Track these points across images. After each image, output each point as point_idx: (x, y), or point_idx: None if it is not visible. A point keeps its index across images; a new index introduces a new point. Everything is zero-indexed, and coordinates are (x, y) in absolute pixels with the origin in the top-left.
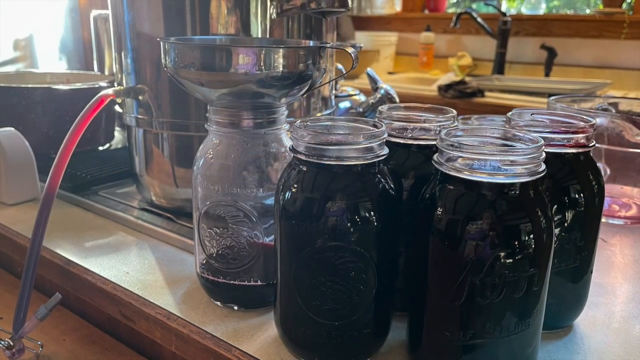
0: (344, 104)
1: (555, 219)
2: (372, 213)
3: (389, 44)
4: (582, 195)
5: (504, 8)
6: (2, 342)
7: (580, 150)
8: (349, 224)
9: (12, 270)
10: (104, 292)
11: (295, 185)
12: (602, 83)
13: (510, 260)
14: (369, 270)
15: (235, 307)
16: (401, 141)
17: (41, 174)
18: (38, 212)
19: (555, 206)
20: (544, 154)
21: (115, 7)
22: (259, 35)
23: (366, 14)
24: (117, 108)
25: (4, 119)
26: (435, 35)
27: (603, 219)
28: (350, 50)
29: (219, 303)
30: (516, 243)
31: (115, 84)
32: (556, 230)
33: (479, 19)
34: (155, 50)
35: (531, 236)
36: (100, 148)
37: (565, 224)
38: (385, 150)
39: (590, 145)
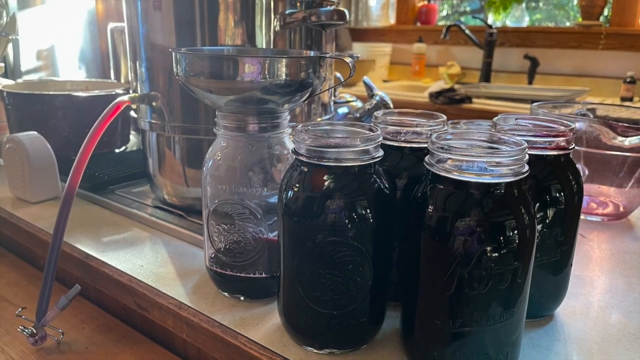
0: (342, 110)
1: (538, 216)
2: (368, 211)
3: (383, 54)
4: (562, 194)
5: (490, 21)
6: (26, 330)
7: (560, 152)
8: (346, 221)
9: (35, 263)
10: (120, 283)
11: (297, 185)
12: (581, 90)
13: (496, 255)
14: (365, 263)
15: (242, 298)
16: (395, 144)
17: (62, 175)
18: (59, 210)
19: (538, 204)
20: (527, 156)
21: (131, 20)
22: (264, 46)
23: (363, 27)
24: (132, 113)
25: (27, 123)
26: (426, 46)
27: (582, 216)
28: (348, 60)
29: (226, 294)
30: (501, 238)
31: (131, 91)
32: (538, 227)
33: (467, 31)
34: (168, 60)
35: (515, 232)
36: (117, 150)
37: (547, 221)
38: (380, 153)
39: (570, 147)
